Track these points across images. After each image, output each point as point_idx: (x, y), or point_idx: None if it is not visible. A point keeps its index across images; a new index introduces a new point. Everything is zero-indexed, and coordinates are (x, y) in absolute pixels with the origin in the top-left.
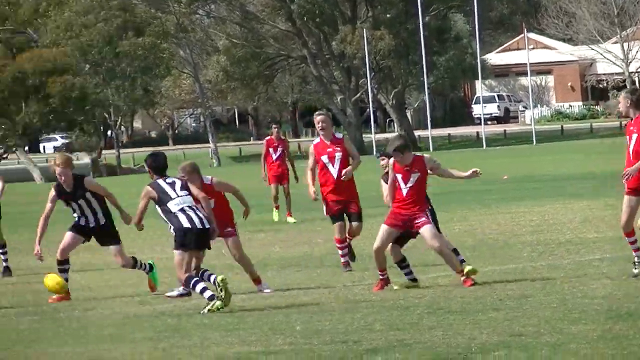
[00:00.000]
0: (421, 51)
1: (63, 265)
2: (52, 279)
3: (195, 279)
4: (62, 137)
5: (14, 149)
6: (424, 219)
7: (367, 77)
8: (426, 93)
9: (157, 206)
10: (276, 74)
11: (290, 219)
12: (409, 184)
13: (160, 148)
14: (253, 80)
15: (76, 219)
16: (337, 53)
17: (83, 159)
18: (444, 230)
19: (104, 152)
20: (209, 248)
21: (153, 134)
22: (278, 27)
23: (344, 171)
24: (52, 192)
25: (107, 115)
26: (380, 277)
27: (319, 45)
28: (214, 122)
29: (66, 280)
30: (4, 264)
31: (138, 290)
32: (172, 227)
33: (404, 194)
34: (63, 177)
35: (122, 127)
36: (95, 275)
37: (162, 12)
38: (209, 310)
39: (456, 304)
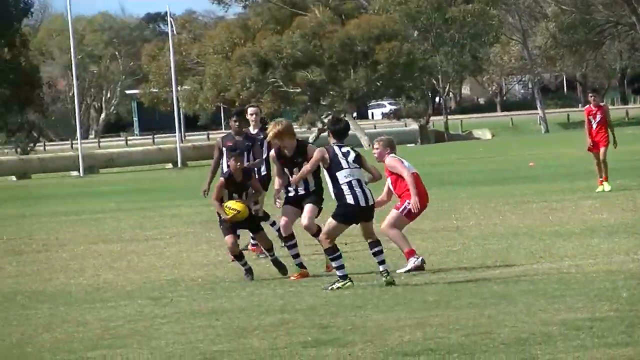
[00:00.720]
0: None
1: (291, 241)
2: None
3: (337, 253)
4: (390, 104)
5: (342, 115)
6: None
7: None
8: None
9: (325, 171)
10: (605, 40)
11: (604, 186)
12: None
13: (488, 114)
14: (581, 46)
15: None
16: None
17: (410, 126)
18: None
19: (431, 118)
20: (372, 218)
21: (481, 101)
22: None
23: None
24: (273, 155)
25: (435, 82)
26: None
27: None
28: (541, 89)
29: (296, 255)
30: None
31: (463, 255)
32: (335, 197)
33: None
34: (281, 144)
35: (451, 93)
36: (432, 242)
37: None
38: (337, 287)
39: None
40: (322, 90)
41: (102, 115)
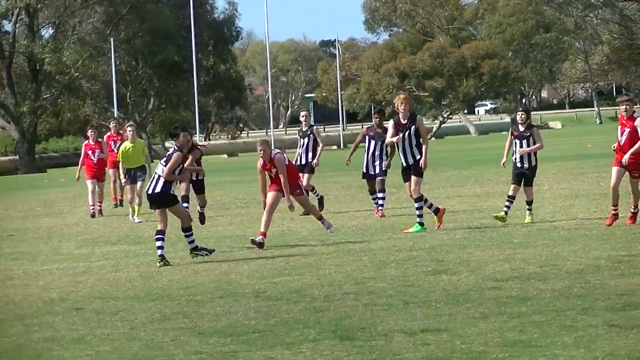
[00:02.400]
0: None
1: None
2: None
3: (159, 236)
4: (490, 103)
5: (457, 112)
6: None
7: None
8: None
9: None
10: None
11: None
12: None
13: (560, 111)
14: (626, 62)
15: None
16: None
17: (505, 119)
18: None
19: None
20: (166, 206)
21: (554, 101)
22: None
23: None
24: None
25: (522, 88)
26: None
27: None
28: (598, 93)
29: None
30: (380, 208)
31: (539, 210)
32: None
33: None
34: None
35: (533, 96)
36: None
37: (564, 15)
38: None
39: None
40: (443, 94)
41: (288, 112)
